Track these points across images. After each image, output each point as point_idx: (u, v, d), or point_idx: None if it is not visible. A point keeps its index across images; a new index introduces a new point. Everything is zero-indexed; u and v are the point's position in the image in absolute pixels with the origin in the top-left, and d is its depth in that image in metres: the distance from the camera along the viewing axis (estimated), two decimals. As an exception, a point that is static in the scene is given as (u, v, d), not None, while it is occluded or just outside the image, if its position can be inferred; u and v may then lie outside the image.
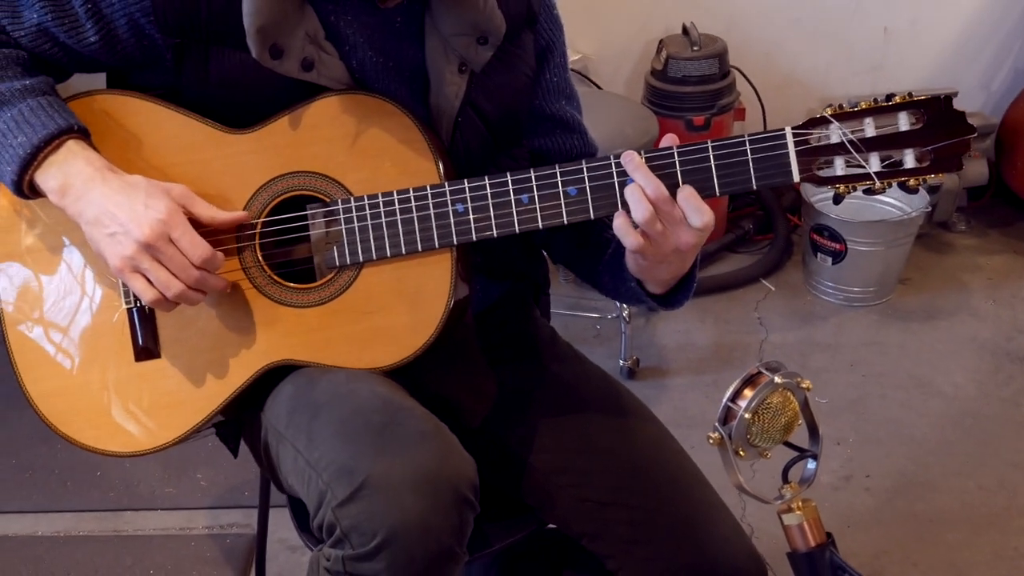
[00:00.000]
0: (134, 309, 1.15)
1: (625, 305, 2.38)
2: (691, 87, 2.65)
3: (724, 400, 0.90)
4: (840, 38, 2.89)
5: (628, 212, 1.06)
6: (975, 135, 1.06)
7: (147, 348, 1.15)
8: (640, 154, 1.06)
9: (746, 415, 0.90)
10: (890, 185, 1.06)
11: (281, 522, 1.87)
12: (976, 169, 2.83)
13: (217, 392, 1.14)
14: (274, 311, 1.14)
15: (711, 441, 0.92)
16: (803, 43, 2.90)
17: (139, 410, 1.15)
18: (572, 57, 2.91)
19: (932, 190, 2.63)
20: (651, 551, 1.20)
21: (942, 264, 2.78)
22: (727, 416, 0.91)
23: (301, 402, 1.09)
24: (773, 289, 2.73)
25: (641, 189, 1.04)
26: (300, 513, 1.30)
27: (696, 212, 1.05)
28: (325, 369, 1.12)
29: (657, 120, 2.42)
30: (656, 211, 1.04)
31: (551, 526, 1.30)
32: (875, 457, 2.11)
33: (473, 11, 1.12)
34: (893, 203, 2.62)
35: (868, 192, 1.08)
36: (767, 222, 2.93)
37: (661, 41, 2.76)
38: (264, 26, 1.06)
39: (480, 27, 1.13)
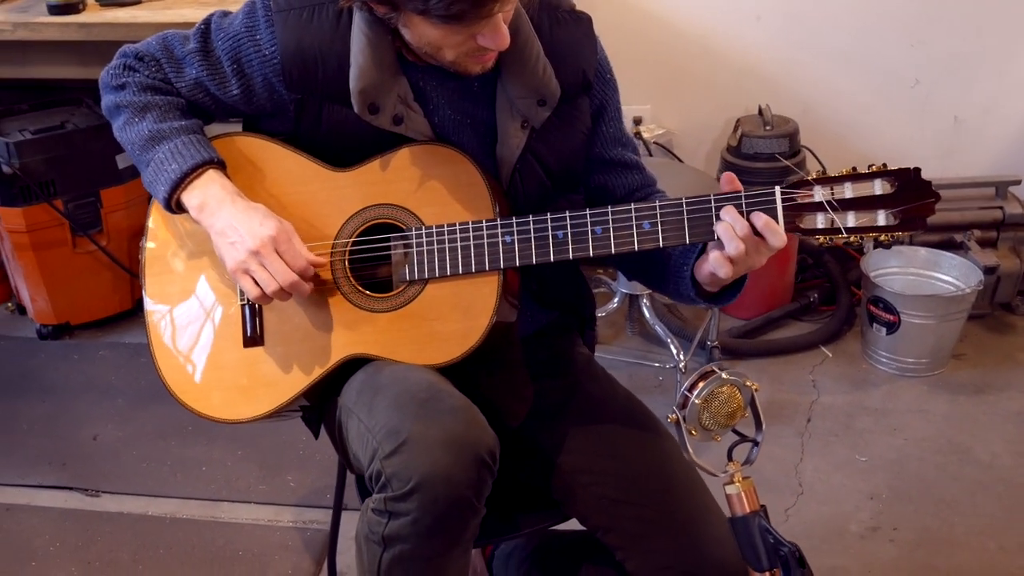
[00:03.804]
0: (246, 305, 1.44)
1: (682, 358, 2.59)
2: (762, 163, 2.87)
3: (682, 389, 1.12)
4: (911, 124, 3.07)
5: (721, 248, 1.28)
6: (938, 200, 1.27)
7: (254, 337, 1.44)
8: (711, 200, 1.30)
9: (696, 401, 1.11)
10: (862, 239, 1.27)
11: (354, 522, 2.13)
12: (1040, 255, 2.94)
13: (305, 376, 1.42)
14: (355, 314, 1.41)
15: (669, 420, 1.13)
16: (875, 127, 3.09)
17: (243, 386, 1.44)
18: (657, 131, 3.17)
19: (989, 271, 2.75)
20: (654, 545, 1.40)
21: (1000, 343, 2.89)
22: (684, 402, 1.12)
23: (367, 385, 1.36)
24: (830, 355, 2.88)
25: (732, 228, 1.27)
26: (365, 490, 1.54)
27: (775, 235, 1.26)
28: (390, 362, 1.38)
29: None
30: (745, 244, 1.27)
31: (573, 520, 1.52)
32: (904, 513, 2.24)
33: (533, 78, 1.39)
34: (948, 279, 2.77)
35: (847, 244, 1.29)
36: (832, 294, 3.09)
37: (738, 120, 2.99)
38: (365, 88, 1.36)
39: (539, 91, 1.40)
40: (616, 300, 2.84)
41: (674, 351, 2.60)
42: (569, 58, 1.43)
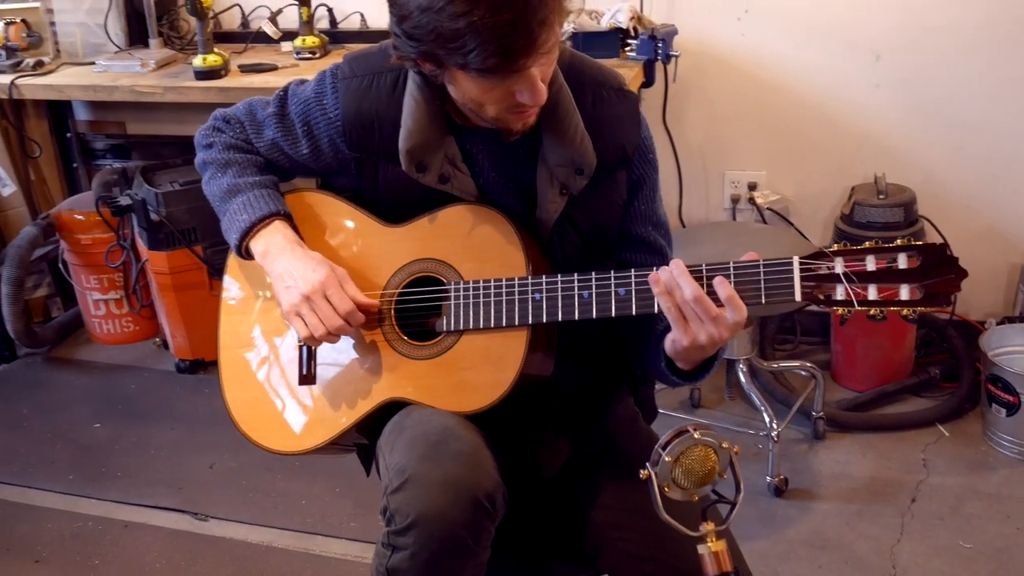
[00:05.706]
0: (303, 347, 1.56)
1: (775, 426, 2.54)
2: (874, 232, 2.80)
3: (656, 446, 1.13)
4: (1043, 194, 2.92)
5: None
6: (965, 276, 1.24)
7: (308, 376, 1.55)
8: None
9: (667, 458, 1.12)
10: (883, 313, 1.25)
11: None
12: None
13: (348, 415, 1.51)
14: (397, 360, 1.50)
15: (641, 475, 1.15)
16: (1004, 197, 2.95)
17: (296, 421, 1.55)
18: (772, 198, 3.14)
19: (1123, 354, 2.57)
20: (677, 605, 1.41)
21: None
22: (656, 459, 1.13)
23: (397, 427, 1.44)
24: (947, 435, 2.75)
25: (664, 286, 1.32)
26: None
27: (736, 311, 1.30)
28: (424, 407, 1.46)
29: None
30: (682, 305, 1.31)
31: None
32: (1004, 606, 2.11)
33: (571, 148, 1.46)
34: (1075, 362, 2.60)
35: (871, 319, 1.27)
36: (955, 370, 2.95)
37: (853, 188, 2.94)
38: (412, 148, 1.46)
39: (576, 161, 1.46)
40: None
41: (767, 419, 2.56)
42: (609, 133, 1.49)
